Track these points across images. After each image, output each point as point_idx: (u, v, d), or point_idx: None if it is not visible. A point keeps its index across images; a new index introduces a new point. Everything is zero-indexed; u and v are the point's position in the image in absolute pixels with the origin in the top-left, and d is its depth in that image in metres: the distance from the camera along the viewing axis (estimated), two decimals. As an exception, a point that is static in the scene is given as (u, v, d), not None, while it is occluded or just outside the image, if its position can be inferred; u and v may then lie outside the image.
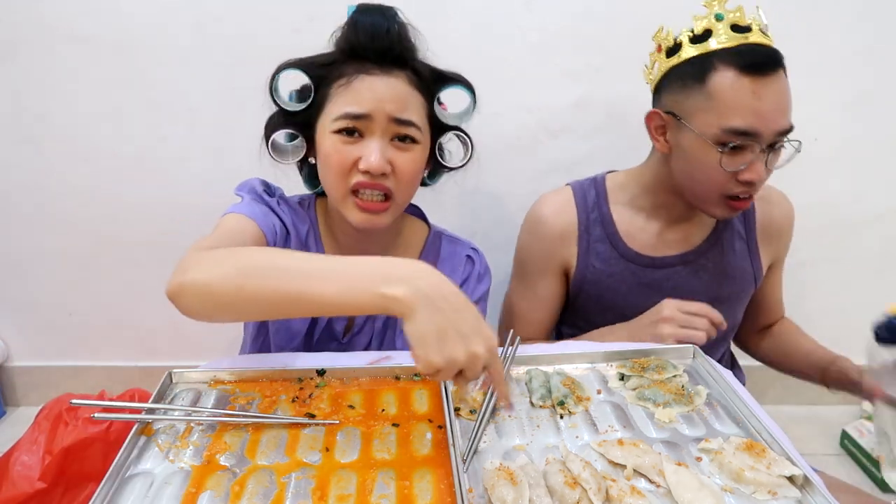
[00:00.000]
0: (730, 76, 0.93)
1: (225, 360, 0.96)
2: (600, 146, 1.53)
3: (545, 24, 1.47)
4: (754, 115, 0.92)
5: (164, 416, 0.74)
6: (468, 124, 0.96)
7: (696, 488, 0.61)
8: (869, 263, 1.74)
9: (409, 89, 0.88)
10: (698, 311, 0.96)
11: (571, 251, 1.15)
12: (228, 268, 0.70)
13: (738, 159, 0.95)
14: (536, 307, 1.19)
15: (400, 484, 0.63)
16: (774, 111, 0.93)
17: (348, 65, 0.88)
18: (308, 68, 0.89)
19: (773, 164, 0.98)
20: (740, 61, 0.92)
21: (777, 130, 0.94)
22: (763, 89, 0.92)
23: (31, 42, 1.49)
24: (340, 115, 0.86)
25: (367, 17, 0.87)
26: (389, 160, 0.87)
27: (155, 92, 1.53)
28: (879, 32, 1.49)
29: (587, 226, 1.15)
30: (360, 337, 1.04)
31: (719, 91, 0.94)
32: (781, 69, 0.94)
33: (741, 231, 1.15)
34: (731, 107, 0.93)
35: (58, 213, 1.66)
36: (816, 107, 1.55)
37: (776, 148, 0.97)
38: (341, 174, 0.88)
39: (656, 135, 1.06)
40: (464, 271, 1.07)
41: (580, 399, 0.78)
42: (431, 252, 1.07)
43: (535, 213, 1.19)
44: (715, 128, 0.95)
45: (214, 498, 0.62)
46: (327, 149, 0.88)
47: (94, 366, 1.85)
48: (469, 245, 1.11)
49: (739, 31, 0.95)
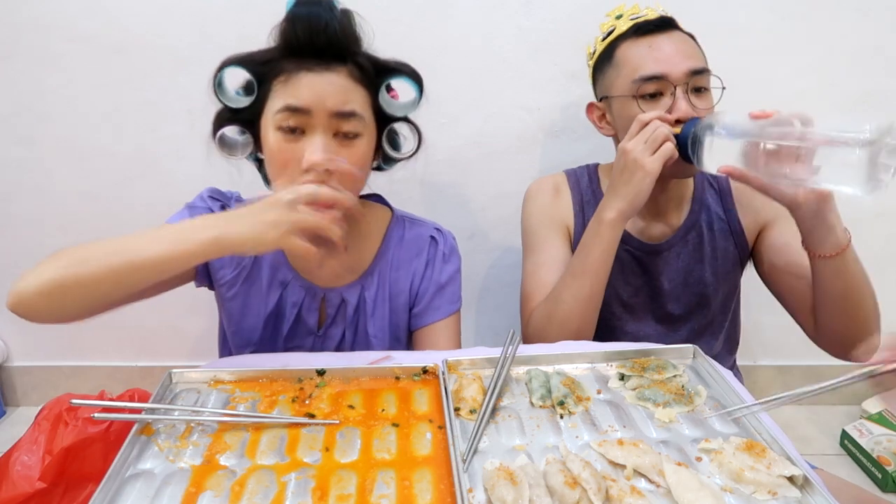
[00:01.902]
0: (628, 43, 1.05)
1: (225, 360, 0.96)
2: (600, 146, 1.53)
3: (545, 24, 1.47)
4: (655, 62, 1.01)
5: (164, 416, 0.74)
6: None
7: (696, 488, 0.61)
8: (869, 262, 1.73)
9: (350, 83, 0.88)
10: (644, 118, 0.97)
11: (570, 221, 1.19)
12: (61, 262, 0.76)
13: (659, 103, 1.02)
14: (552, 269, 1.15)
15: (400, 484, 0.63)
16: (674, 55, 1.01)
17: (288, 60, 0.87)
18: (249, 64, 0.89)
19: (700, 105, 1.02)
20: (633, 29, 1.05)
21: (684, 70, 1.00)
22: (657, 41, 1.03)
23: (31, 42, 1.49)
24: (280, 108, 0.86)
25: (304, 9, 0.86)
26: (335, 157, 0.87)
27: (154, 92, 1.53)
28: (880, 32, 1.49)
29: (582, 206, 1.19)
30: (333, 328, 1.05)
31: (623, 57, 1.05)
32: (674, 29, 1.05)
33: (719, 212, 1.17)
34: (635, 62, 1.03)
35: (58, 213, 1.66)
36: (816, 107, 1.56)
37: (700, 90, 1.03)
38: (286, 172, 0.88)
39: (599, 123, 1.15)
40: (427, 252, 1.08)
41: (580, 399, 0.78)
42: (394, 235, 1.07)
43: (531, 189, 1.25)
44: (629, 84, 1.04)
45: (214, 498, 0.62)
46: (271, 146, 0.89)
47: (94, 366, 1.86)
48: (433, 226, 1.11)
49: (636, 18, 1.06)
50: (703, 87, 1.04)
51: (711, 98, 1.05)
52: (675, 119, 1.00)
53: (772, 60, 1.50)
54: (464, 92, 1.53)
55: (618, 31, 1.07)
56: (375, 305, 1.05)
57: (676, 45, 1.03)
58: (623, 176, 0.98)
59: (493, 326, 1.79)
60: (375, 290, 1.05)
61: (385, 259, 1.06)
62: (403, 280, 1.07)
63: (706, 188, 1.18)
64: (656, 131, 0.96)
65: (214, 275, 1.02)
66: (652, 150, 0.95)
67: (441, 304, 1.08)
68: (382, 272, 1.06)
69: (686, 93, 1.01)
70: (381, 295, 1.06)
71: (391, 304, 1.06)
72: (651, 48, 1.03)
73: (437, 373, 0.83)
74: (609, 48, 1.08)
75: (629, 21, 1.06)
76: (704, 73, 1.03)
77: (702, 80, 1.03)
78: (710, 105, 1.04)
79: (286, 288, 1.02)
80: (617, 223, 1.00)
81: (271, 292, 1.02)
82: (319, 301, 1.03)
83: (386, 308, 1.06)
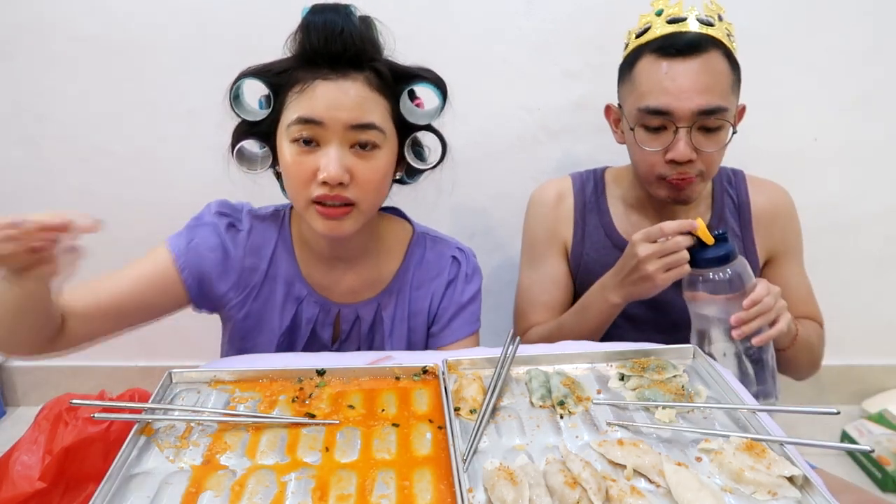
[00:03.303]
0: (649, 61, 0.99)
1: (225, 360, 0.96)
2: (600, 146, 1.53)
3: (545, 24, 1.47)
4: (665, 94, 0.96)
5: (164, 416, 0.74)
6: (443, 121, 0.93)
7: (696, 488, 0.61)
8: (869, 264, 1.74)
9: (367, 92, 0.85)
10: (668, 230, 0.93)
11: (568, 234, 1.18)
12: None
13: (658, 139, 1.00)
14: (548, 289, 1.19)
15: (400, 484, 0.63)
16: (688, 90, 0.95)
17: (304, 70, 0.85)
18: (266, 76, 0.86)
19: (705, 146, 0.99)
20: (659, 47, 0.98)
21: (693, 109, 0.96)
22: (676, 70, 0.96)
23: (31, 42, 1.49)
24: (293, 120, 0.84)
25: (320, 17, 0.83)
26: (349, 168, 0.85)
27: (154, 92, 1.53)
28: (880, 32, 1.49)
29: (583, 213, 1.18)
30: (347, 344, 1.04)
31: (638, 75, 1.01)
32: (703, 53, 0.96)
33: (735, 227, 1.15)
34: (646, 88, 0.99)
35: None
36: (816, 107, 1.56)
37: (711, 130, 0.98)
38: (301, 185, 0.86)
39: (615, 127, 1.12)
40: (449, 273, 1.05)
41: (580, 399, 0.78)
42: (416, 253, 1.05)
43: (534, 196, 1.23)
44: (634, 109, 1.01)
45: (214, 498, 0.62)
46: (286, 159, 0.87)
47: (94, 366, 1.86)
48: (455, 245, 1.08)
49: (675, 22, 0.99)
50: (714, 126, 0.98)
51: (724, 137, 1.00)
52: (670, 160, 0.98)
53: (772, 60, 1.50)
54: (464, 92, 1.52)
55: (649, 36, 1.01)
56: (394, 325, 1.03)
57: (695, 76, 0.96)
58: (631, 276, 0.97)
59: (493, 326, 1.78)
60: (394, 308, 1.03)
61: (405, 278, 1.03)
62: (423, 299, 1.04)
63: (726, 201, 1.15)
64: (678, 255, 0.92)
65: (218, 300, 0.99)
66: (666, 269, 0.93)
67: (461, 324, 1.06)
68: (402, 291, 1.03)
69: (690, 132, 0.97)
70: (400, 315, 1.03)
71: (410, 324, 1.04)
72: (666, 75, 0.96)
73: (437, 373, 0.83)
74: (634, 55, 1.03)
75: (664, 25, 0.99)
76: (716, 113, 0.97)
77: (713, 119, 0.97)
78: (719, 146, 0.99)
79: (301, 304, 1.00)
80: (622, 305, 1.02)
81: (286, 309, 1.00)
82: (334, 317, 1.02)
83: (405, 327, 1.04)
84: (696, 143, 0.98)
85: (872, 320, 1.80)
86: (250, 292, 0.99)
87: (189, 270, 0.94)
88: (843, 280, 1.70)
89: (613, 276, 1.01)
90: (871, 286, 1.75)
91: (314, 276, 1.00)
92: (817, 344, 1.14)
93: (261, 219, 1.00)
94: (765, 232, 1.15)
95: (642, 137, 1.01)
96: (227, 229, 0.97)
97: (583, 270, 1.17)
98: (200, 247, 0.95)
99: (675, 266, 0.92)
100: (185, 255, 0.94)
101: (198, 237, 0.96)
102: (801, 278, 1.19)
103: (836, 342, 1.21)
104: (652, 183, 1.05)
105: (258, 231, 0.99)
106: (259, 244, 0.98)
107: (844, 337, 1.60)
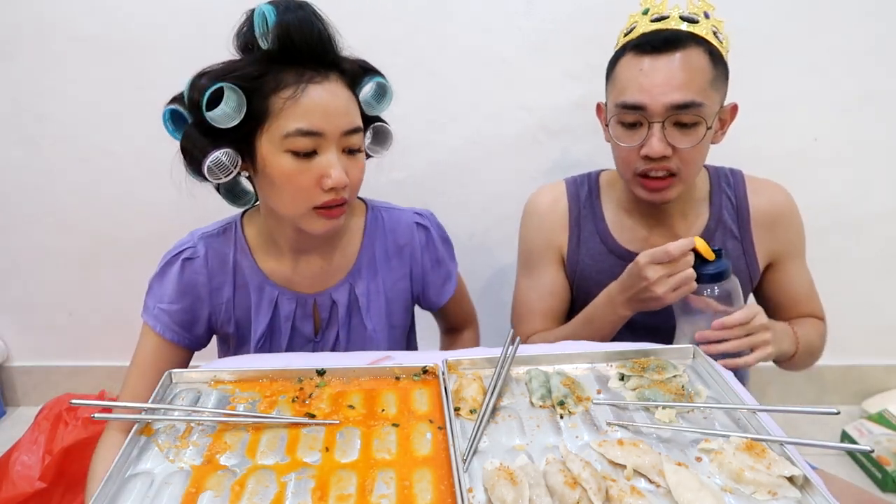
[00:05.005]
0: (628, 58, 1.00)
1: (225, 360, 0.96)
2: (600, 146, 1.52)
3: (545, 24, 1.47)
4: (639, 90, 0.97)
5: (164, 416, 0.74)
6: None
7: (696, 488, 0.61)
8: (871, 264, 1.74)
9: (347, 92, 0.88)
10: (674, 253, 0.93)
11: (563, 241, 1.18)
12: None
13: (633, 135, 1.00)
14: (544, 297, 1.19)
15: (400, 484, 0.63)
16: (661, 85, 0.95)
17: (285, 73, 0.83)
18: (240, 80, 0.82)
19: (680, 142, 0.98)
20: (638, 44, 0.99)
21: (666, 103, 0.95)
22: (651, 65, 0.97)
23: (31, 42, 1.49)
24: (292, 132, 0.83)
25: (292, 16, 0.82)
26: (345, 171, 0.87)
27: (155, 92, 1.52)
28: (881, 32, 1.49)
29: (578, 219, 1.17)
30: (329, 331, 1.05)
31: (617, 73, 1.02)
32: (680, 49, 0.96)
33: (734, 230, 1.14)
34: (623, 84, 1.00)
35: (58, 213, 1.66)
36: (818, 107, 1.56)
37: (686, 125, 0.97)
38: (302, 193, 0.87)
39: (604, 125, 1.11)
40: (419, 238, 1.07)
41: (580, 399, 0.77)
42: (377, 227, 1.06)
43: (529, 204, 1.23)
44: (613, 106, 1.02)
45: (214, 498, 0.62)
46: (283, 169, 0.85)
47: (94, 366, 1.86)
48: (411, 211, 1.09)
49: (659, 20, 1.00)
50: (689, 122, 0.97)
51: (700, 133, 0.98)
52: (644, 155, 0.99)
53: (772, 60, 1.50)
54: (464, 92, 1.52)
55: (633, 35, 1.02)
56: (370, 300, 1.04)
57: (670, 72, 0.95)
58: (640, 296, 0.97)
59: (493, 326, 1.79)
60: (367, 285, 1.04)
61: (371, 252, 1.05)
62: (398, 269, 1.07)
63: (724, 202, 1.14)
64: (687, 281, 0.93)
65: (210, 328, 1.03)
66: (674, 289, 0.94)
67: (448, 277, 1.12)
68: (371, 265, 1.05)
69: (664, 127, 0.97)
70: (375, 288, 1.05)
71: (388, 296, 1.06)
72: (641, 72, 0.97)
73: (437, 373, 0.83)
74: (618, 53, 1.04)
75: (648, 24, 1.01)
76: (691, 108, 0.95)
77: (687, 115, 0.96)
78: (695, 142, 0.97)
79: (276, 304, 1.01)
80: (630, 315, 1.03)
81: (261, 313, 1.01)
82: (311, 308, 1.03)
83: (382, 300, 1.05)
84: (671, 138, 0.98)
85: (873, 320, 1.80)
86: (227, 306, 1.01)
87: (171, 331, 0.98)
88: (844, 280, 1.70)
89: (620, 292, 1.01)
90: (872, 287, 1.75)
91: (280, 274, 1.01)
92: (818, 344, 1.14)
93: (214, 236, 1.01)
94: (765, 235, 1.14)
95: (618, 133, 1.02)
96: (182, 266, 0.98)
97: (579, 277, 1.16)
98: (164, 302, 0.98)
99: (683, 285, 0.94)
100: (160, 322, 0.98)
101: (158, 297, 0.99)
102: (804, 277, 1.18)
103: (836, 342, 1.21)
104: (630, 181, 1.06)
105: (214, 250, 1.00)
106: (219, 262, 1.00)
107: (845, 337, 1.60)
